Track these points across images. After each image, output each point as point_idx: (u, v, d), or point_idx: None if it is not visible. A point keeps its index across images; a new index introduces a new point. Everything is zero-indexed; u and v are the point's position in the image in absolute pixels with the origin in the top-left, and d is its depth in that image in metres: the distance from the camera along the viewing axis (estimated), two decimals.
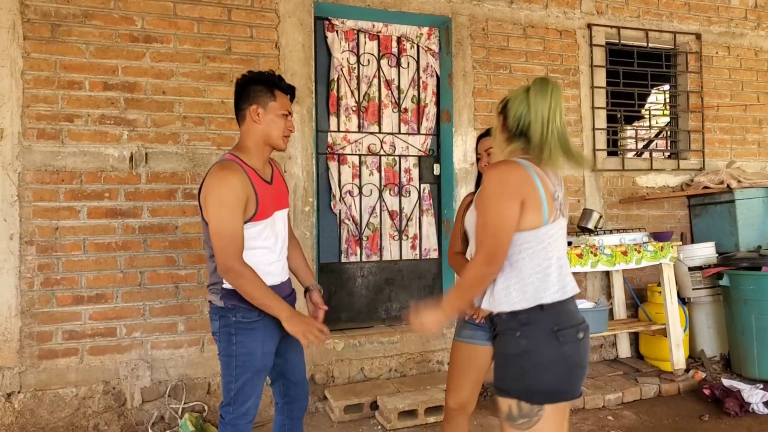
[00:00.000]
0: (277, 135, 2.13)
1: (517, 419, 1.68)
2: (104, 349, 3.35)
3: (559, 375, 1.67)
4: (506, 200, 1.67)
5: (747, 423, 3.36)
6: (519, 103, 1.75)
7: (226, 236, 1.97)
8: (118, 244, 3.39)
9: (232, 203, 1.98)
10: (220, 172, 2.02)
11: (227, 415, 2.10)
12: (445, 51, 4.21)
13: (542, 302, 1.69)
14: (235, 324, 2.06)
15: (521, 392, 1.67)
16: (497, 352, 1.77)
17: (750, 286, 3.98)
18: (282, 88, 2.15)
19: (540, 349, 1.67)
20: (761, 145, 5.13)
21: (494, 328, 1.79)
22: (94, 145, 3.36)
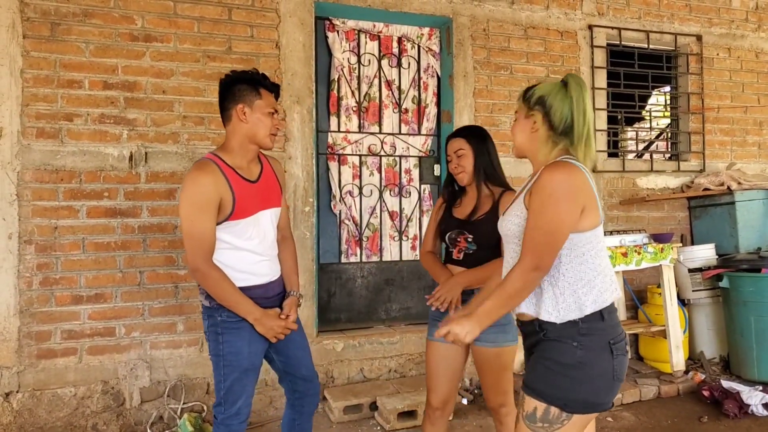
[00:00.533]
0: (264, 134, 2.11)
1: (537, 422, 1.64)
2: (103, 349, 3.34)
3: (603, 388, 1.65)
4: (568, 203, 1.63)
5: (746, 425, 3.36)
6: (561, 100, 1.71)
7: (194, 237, 1.98)
8: (117, 244, 3.39)
9: (201, 204, 1.98)
10: (193, 173, 2.03)
11: (219, 414, 2.12)
12: (446, 51, 4.20)
13: (606, 304, 1.66)
14: (221, 323, 2.08)
15: (557, 400, 1.62)
16: (543, 356, 1.68)
17: (749, 287, 3.98)
18: (267, 86, 2.14)
19: (594, 362, 1.63)
20: (761, 147, 5.13)
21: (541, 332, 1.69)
22: (93, 144, 3.35)
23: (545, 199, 1.63)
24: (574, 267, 1.68)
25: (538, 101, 1.74)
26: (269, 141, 2.14)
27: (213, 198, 1.99)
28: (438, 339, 2.33)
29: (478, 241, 2.34)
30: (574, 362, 1.62)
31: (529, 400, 1.67)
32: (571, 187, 1.64)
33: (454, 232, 2.39)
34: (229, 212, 2.04)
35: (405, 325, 4.15)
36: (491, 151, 2.42)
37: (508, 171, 4.20)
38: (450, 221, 2.43)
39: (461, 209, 2.44)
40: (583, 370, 1.62)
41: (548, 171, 1.66)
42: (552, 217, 1.62)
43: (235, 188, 2.05)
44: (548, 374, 1.65)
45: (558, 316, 1.66)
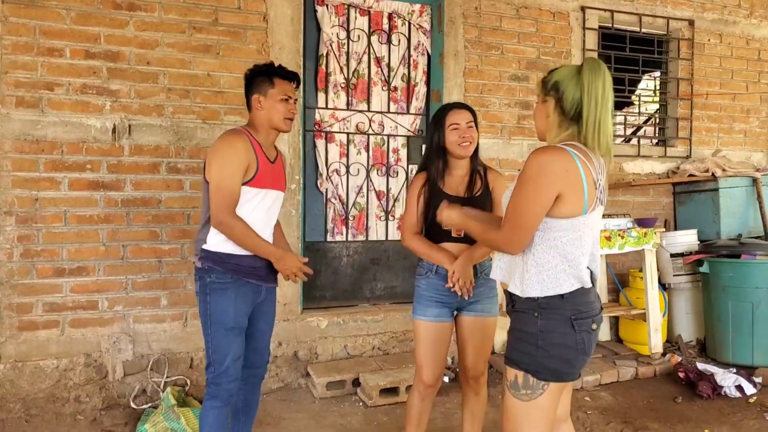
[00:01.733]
0: (278, 119, 2.30)
1: (520, 389, 1.76)
2: (86, 322, 3.33)
3: (567, 359, 1.75)
4: (542, 188, 1.67)
5: (719, 405, 3.45)
6: (574, 85, 1.72)
7: (223, 190, 2.16)
8: (100, 217, 3.35)
9: (234, 163, 2.18)
10: (228, 136, 2.25)
11: (209, 374, 2.25)
12: (436, 29, 4.15)
13: (563, 291, 1.72)
14: (210, 284, 2.22)
15: (530, 365, 1.74)
16: (513, 327, 1.82)
17: (729, 273, 4.05)
18: (281, 75, 2.32)
19: (555, 332, 1.73)
20: (747, 135, 5.17)
21: (512, 304, 1.84)
22: (75, 115, 3.28)
23: (520, 181, 1.72)
24: (544, 250, 1.74)
25: (553, 86, 1.76)
26: (284, 125, 2.32)
27: (243, 160, 2.19)
28: (434, 319, 2.40)
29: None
30: (536, 331, 1.73)
31: (509, 370, 1.79)
32: (547, 172, 1.66)
33: None
34: (251, 177, 2.23)
35: (389, 303, 4.17)
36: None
37: (495, 152, 4.24)
38: (448, 199, 2.34)
39: (451, 186, 2.42)
40: (545, 339, 1.73)
41: (532, 154, 1.72)
42: (521, 199, 1.70)
43: (259, 158, 2.27)
44: (519, 344, 1.78)
45: (521, 291, 1.77)
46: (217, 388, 2.24)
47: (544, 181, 1.66)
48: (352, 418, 3.24)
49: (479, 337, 2.43)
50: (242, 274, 2.25)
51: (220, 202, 2.16)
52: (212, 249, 2.24)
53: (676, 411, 3.38)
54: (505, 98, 4.28)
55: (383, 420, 3.22)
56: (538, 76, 4.35)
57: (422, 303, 2.42)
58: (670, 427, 3.16)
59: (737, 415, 3.31)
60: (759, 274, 3.98)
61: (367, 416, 3.27)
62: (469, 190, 2.40)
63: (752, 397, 3.53)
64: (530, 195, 1.68)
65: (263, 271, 2.32)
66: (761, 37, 5.15)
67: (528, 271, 1.75)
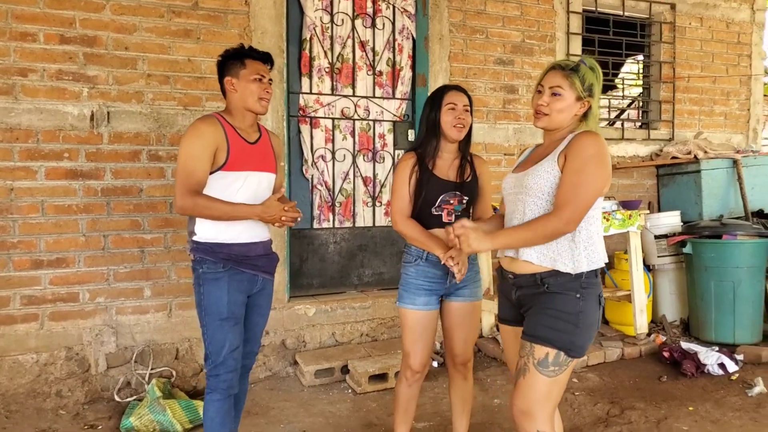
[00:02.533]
0: (252, 100, 2.25)
1: (549, 366, 1.81)
2: (66, 315, 3.25)
3: (593, 334, 1.88)
4: (605, 167, 1.80)
5: (702, 383, 3.50)
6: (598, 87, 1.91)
7: (185, 173, 2.12)
8: (79, 207, 3.26)
9: (197, 146, 2.14)
10: (195, 123, 2.20)
11: (208, 367, 2.22)
12: (421, 13, 4.11)
13: (602, 264, 1.88)
14: (203, 275, 2.19)
15: (565, 344, 1.81)
16: (548, 307, 1.84)
17: (711, 253, 4.11)
18: (251, 55, 2.28)
19: (590, 312, 1.85)
20: (728, 117, 5.23)
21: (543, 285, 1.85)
22: (51, 102, 3.18)
23: (587, 159, 1.78)
24: (588, 226, 1.85)
25: (589, 88, 1.88)
26: (259, 106, 2.26)
27: (209, 144, 2.14)
28: (423, 307, 2.37)
29: (469, 203, 2.38)
30: (577, 311, 1.82)
31: (540, 348, 1.82)
32: (607, 154, 1.82)
33: (448, 194, 2.33)
34: (223, 162, 2.17)
35: (377, 290, 4.15)
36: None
37: (481, 137, 4.23)
38: (440, 182, 2.32)
39: (441, 169, 2.36)
40: (584, 319, 1.83)
41: (589, 136, 1.82)
42: (587, 177, 1.77)
43: (231, 141, 2.20)
44: (554, 322, 1.82)
45: (573, 268, 1.83)
46: (215, 380, 2.20)
47: (607, 161, 1.81)
48: (342, 406, 3.22)
49: (467, 321, 2.43)
50: (235, 263, 2.21)
51: (179, 184, 2.12)
52: (202, 240, 2.20)
53: (662, 390, 3.43)
54: (491, 82, 4.26)
55: (372, 406, 3.21)
56: (522, 60, 4.35)
57: (410, 291, 2.37)
58: (655, 405, 3.20)
59: (720, 392, 3.37)
60: (739, 253, 4.05)
61: (357, 403, 3.25)
62: (459, 175, 2.36)
63: (734, 374, 3.59)
64: (596, 173, 1.78)
65: (258, 261, 2.28)
66: (741, 21, 5.20)
67: (577, 248, 1.84)
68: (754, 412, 3.09)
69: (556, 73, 1.88)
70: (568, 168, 1.80)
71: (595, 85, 1.88)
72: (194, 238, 2.22)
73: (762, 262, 4.13)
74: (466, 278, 2.37)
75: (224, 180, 2.18)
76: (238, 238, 2.23)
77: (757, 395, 3.28)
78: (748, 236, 4.09)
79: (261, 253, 2.31)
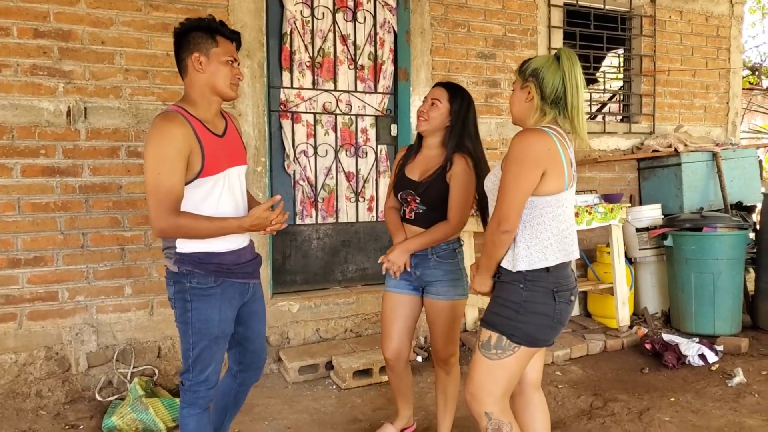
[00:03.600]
0: (224, 83, 1.98)
1: (491, 349, 1.87)
2: (45, 314, 3.20)
3: (544, 327, 1.87)
4: (527, 168, 1.79)
5: (683, 374, 3.55)
6: (553, 73, 1.85)
7: (161, 191, 1.83)
8: (57, 204, 3.21)
9: (170, 155, 1.83)
10: (160, 123, 1.88)
11: (187, 381, 2.05)
12: (402, 6, 4.09)
13: (549, 265, 1.85)
14: (190, 290, 1.96)
15: (506, 329, 1.85)
16: (497, 295, 1.92)
17: (691, 246, 4.15)
18: (224, 33, 2.01)
19: (537, 302, 1.85)
20: (707, 111, 5.29)
21: (498, 275, 1.93)
22: (26, 97, 3.12)
23: (510, 161, 1.82)
24: (532, 227, 1.86)
25: (532, 73, 1.89)
26: (231, 90, 2.01)
27: (183, 149, 1.85)
28: (390, 289, 2.47)
29: (426, 203, 2.35)
30: (520, 300, 1.86)
31: (484, 331, 1.90)
32: (533, 153, 1.80)
33: (405, 192, 2.38)
34: (199, 168, 1.91)
35: (361, 285, 4.14)
36: (470, 118, 2.34)
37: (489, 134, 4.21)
38: (402, 180, 2.42)
39: (412, 167, 2.42)
40: (527, 308, 1.85)
41: (517, 137, 1.84)
42: (512, 179, 1.80)
43: (203, 141, 1.92)
44: (499, 309, 1.89)
45: (512, 265, 1.88)
46: (194, 396, 2.04)
47: (530, 161, 1.79)
48: (326, 402, 3.21)
49: (441, 319, 2.42)
50: (226, 273, 2.01)
51: (157, 205, 1.83)
52: (188, 250, 1.96)
53: (644, 381, 3.46)
54: (473, 76, 4.26)
55: (357, 402, 3.21)
56: (504, 54, 4.36)
57: (387, 274, 2.48)
58: (637, 397, 3.23)
59: (701, 382, 3.42)
60: (719, 246, 4.10)
61: (341, 399, 3.25)
62: (426, 174, 2.35)
63: (714, 365, 3.65)
64: (519, 174, 1.79)
65: (248, 267, 2.10)
66: (719, 14, 5.25)
67: (517, 247, 1.86)
68: (734, 402, 3.14)
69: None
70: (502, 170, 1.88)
71: (542, 69, 1.86)
72: (178, 249, 1.96)
73: (741, 253, 4.19)
74: (433, 274, 2.39)
75: (202, 188, 1.94)
76: (228, 245, 2.02)
77: (736, 385, 3.33)
78: (728, 228, 4.14)
79: (250, 258, 2.13)
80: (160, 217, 1.84)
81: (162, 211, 1.83)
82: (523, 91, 1.91)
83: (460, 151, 2.32)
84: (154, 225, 1.86)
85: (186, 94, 2.02)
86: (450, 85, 2.39)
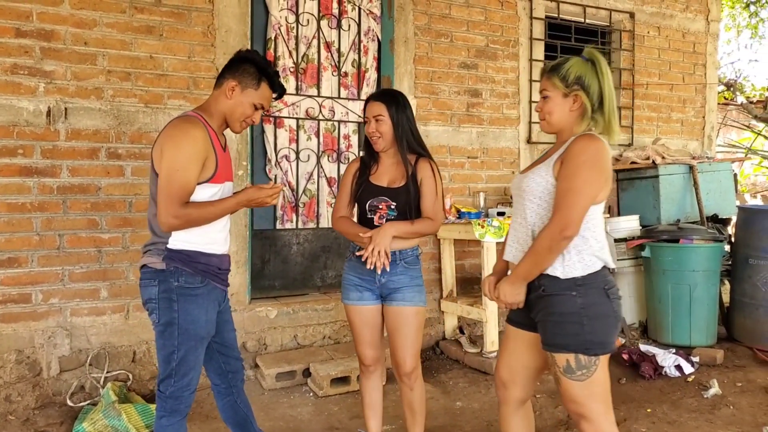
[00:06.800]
0: (237, 119, 2.08)
1: (576, 371, 1.79)
2: (17, 316, 3.14)
3: (610, 327, 1.83)
4: (597, 173, 1.77)
5: (659, 385, 3.56)
6: (593, 78, 1.83)
7: (176, 185, 1.90)
8: (33, 205, 3.17)
9: (190, 155, 1.92)
10: (184, 125, 1.97)
11: (168, 388, 1.99)
12: (386, 15, 4.13)
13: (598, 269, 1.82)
14: (177, 289, 1.96)
15: (579, 345, 1.78)
16: (550, 312, 1.83)
17: (668, 257, 4.21)
18: (272, 82, 2.10)
19: (595, 305, 1.80)
20: (684, 124, 5.40)
21: (540, 288, 1.84)
22: (5, 96, 3.09)
23: (580, 165, 1.76)
24: (582, 232, 1.81)
25: (576, 80, 1.84)
26: (238, 127, 2.11)
27: (202, 153, 1.95)
28: (354, 302, 2.42)
29: (399, 208, 2.36)
30: (577, 309, 1.79)
31: (558, 356, 1.82)
32: (603, 159, 1.78)
33: (377, 199, 2.38)
34: (212, 173, 2.00)
35: (340, 292, 4.11)
36: (411, 118, 2.42)
37: (445, 140, 4.26)
38: (370, 188, 2.40)
39: (378, 176, 2.43)
40: (588, 315, 1.79)
41: (584, 140, 1.79)
42: (583, 183, 1.75)
43: (216, 150, 2.03)
44: (559, 327, 1.81)
45: (563, 273, 1.81)
46: (176, 402, 2.00)
47: (600, 167, 1.77)
48: (303, 409, 3.19)
49: (404, 328, 2.37)
50: (211, 275, 2.04)
51: (171, 198, 1.89)
52: (178, 247, 1.97)
53: (621, 392, 3.46)
54: (455, 86, 4.31)
55: (334, 410, 3.18)
56: (486, 64, 4.41)
57: (344, 286, 2.46)
58: (614, 407, 3.21)
59: (677, 393, 3.43)
60: (696, 257, 4.15)
61: (318, 406, 3.22)
62: (395, 180, 2.39)
63: (690, 376, 3.67)
64: (591, 179, 1.75)
65: (225, 274, 2.14)
66: (696, 31, 5.38)
67: (569, 252, 1.81)
68: (710, 413, 3.15)
69: (542, 76, 1.94)
70: (562, 174, 1.79)
71: (586, 75, 1.83)
72: (169, 245, 1.97)
73: (717, 265, 4.25)
74: (399, 281, 2.37)
75: (207, 192, 2.00)
76: (214, 247, 2.06)
77: (712, 397, 3.34)
78: (704, 240, 4.20)
79: (227, 266, 2.17)
80: (170, 210, 1.90)
81: (173, 204, 1.90)
82: (568, 99, 1.86)
83: (420, 155, 2.42)
84: (164, 220, 1.91)
85: (207, 104, 2.11)
86: (382, 95, 2.44)
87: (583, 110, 1.86)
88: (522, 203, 1.93)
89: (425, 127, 4.18)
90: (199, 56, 3.49)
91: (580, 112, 1.86)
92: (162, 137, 1.99)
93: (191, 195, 1.95)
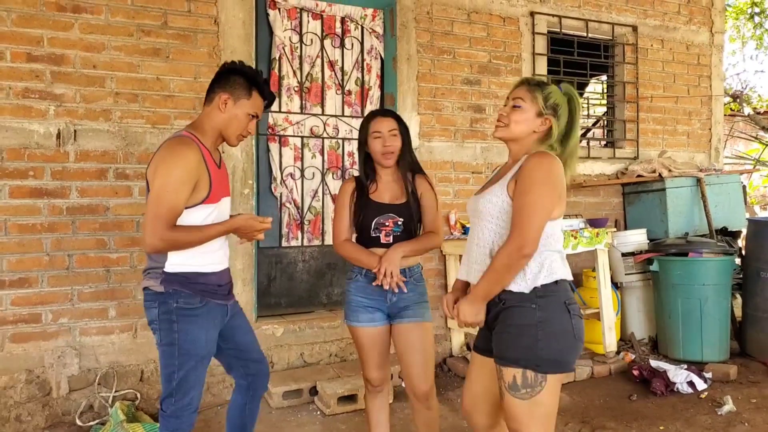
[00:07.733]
0: (233, 131, 2.10)
1: (520, 389, 1.75)
2: (28, 336, 3.18)
3: (567, 345, 1.78)
4: (550, 189, 1.77)
5: (672, 402, 3.51)
6: (565, 113, 1.88)
7: (164, 207, 1.90)
8: (43, 226, 3.22)
9: (182, 177, 1.93)
10: (177, 146, 1.98)
11: (169, 407, 2.02)
12: (389, 34, 4.18)
13: (561, 277, 1.81)
14: (177, 310, 1.99)
15: (529, 361, 1.74)
16: (508, 324, 1.80)
17: (677, 271, 4.16)
18: (262, 91, 2.13)
19: (553, 320, 1.77)
20: (690, 136, 5.37)
21: (501, 302, 1.82)
22: (17, 120, 3.15)
23: (535, 182, 1.76)
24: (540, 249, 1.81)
25: (552, 107, 1.87)
26: (235, 140, 2.13)
27: (193, 176, 1.96)
28: (366, 324, 2.39)
29: (405, 224, 2.39)
30: (534, 321, 1.76)
31: (506, 370, 1.78)
32: (556, 175, 1.79)
33: (383, 217, 2.39)
34: (206, 194, 2.01)
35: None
36: (410, 140, 2.50)
37: (449, 155, 4.28)
38: (375, 206, 2.40)
39: (379, 194, 2.43)
40: (544, 329, 1.75)
41: (537, 157, 1.80)
42: (536, 200, 1.75)
43: (211, 171, 2.03)
44: (513, 339, 1.78)
45: (526, 286, 1.79)
46: (177, 421, 2.02)
47: (553, 183, 1.78)
48: (311, 428, 3.18)
49: (416, 345, 2.36)
50: (210, 294, 2.06)
51: (157, 220, 1.89)
52: (176, 270, 2.00)
53: (632, 409, 3.42)
54: (458, 102, 4.33)
55: (341, 428, 3.17)
56: (489, 80, 4.44)
57: (351, 308, 2.43)
58: (626, 425, 3.19)
59: (690, 410, 3.37)
60: (706, 271, 4.10)
61: (326, 425, 3.21)
62: (397, 197, 2.42)
63: (703, 393, 3.60)
64: (544, 196, 1.76)
65: (226, 289, 2.17)
66: (700, 43, 5.38)
67: (528, 267, 1.79)
68: (724, 431, 3.10)
69: (521, 86, 1.93)
70: (517, 191, 1.80)
71: (561, 107, 1.86)
72: (166, 269, 2.00)
73: (727, 279, 4.19)
74: (408, 298, 2.37)
75: (202, 213, 2.01)
76: (213, 267, 2.09)
77: (726, 414, 3.29)
78: (714, 254, 4.15)
79: (228, 280, 2.20)
80: (156, 232, 1.90)
81: (159, 226, 1.90)
82: (539, 119, 1.87)
83: (417, 172, 2.47)
84: (149, 241, 1.92)
85: (199, 122, 2.12)
86: (390, 111, 2.54)
87: (545, 136, 1.88)
88: (479, 224, 1.92)
89: (429, 143, 4.20)
90: (205, 77, 3.55)
91: (543, 136, 1.88)
92: (155, 158, 2.01)
93: (178, 218, 1.95)
